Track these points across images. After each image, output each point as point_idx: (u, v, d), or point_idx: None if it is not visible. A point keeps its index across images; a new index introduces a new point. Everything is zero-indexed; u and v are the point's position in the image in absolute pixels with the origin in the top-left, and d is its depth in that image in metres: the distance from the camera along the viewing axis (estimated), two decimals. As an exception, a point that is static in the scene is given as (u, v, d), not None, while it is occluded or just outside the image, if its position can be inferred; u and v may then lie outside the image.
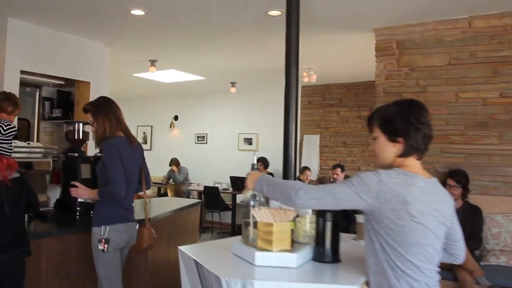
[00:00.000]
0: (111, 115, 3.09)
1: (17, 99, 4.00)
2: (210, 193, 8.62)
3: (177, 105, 11.15)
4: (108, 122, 3.06)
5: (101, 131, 3.05)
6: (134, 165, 3.16)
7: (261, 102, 9.99)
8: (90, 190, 3.14)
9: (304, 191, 1.88)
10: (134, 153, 3.16)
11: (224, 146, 10.42)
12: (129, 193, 3.10)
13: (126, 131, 3.15)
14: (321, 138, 9.23)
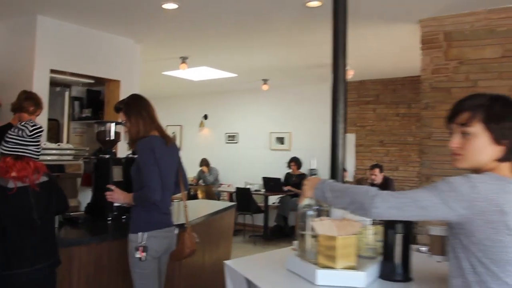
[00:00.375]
0: (145, 114, 2.89)
1: (39, 99, 3.80)
2: (242, 194, 8.37)
3: (207, 104, 10.93)
4: (141, 121, 2.85)
5: (134, 131, 2.85)
6: (171, 166, 2.96)
7: (294, 100, 9.70)
8: (125, 194, 2.94)
9: (382, 199, 1.59)
10: (170, 153, 2.96)
11: (256, 145, 10.16)
12: (167, 196, 2.90)
13: (160, 130, 2.95)
14: (357, 137, 8.89)
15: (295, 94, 9.64)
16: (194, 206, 4.60)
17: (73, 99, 6.07)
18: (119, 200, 2.93)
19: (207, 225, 3.99)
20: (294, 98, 9.68)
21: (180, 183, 3.07)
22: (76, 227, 3.23)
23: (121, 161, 3.51)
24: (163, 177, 2.79)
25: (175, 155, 3.03)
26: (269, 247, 7.92)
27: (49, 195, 2.49)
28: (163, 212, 2.86)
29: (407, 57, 6.95)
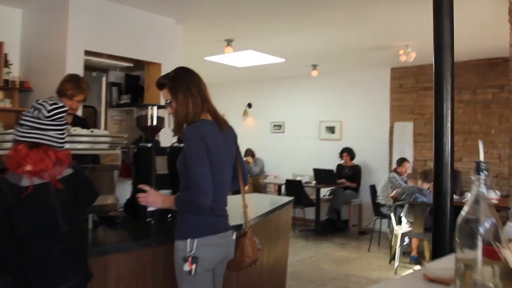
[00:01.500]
0: (195, 91, 2.33)
1: (82, 82, 3.35)
2: (293, 187, 7.82)
3: (251, 92, 10.42)
4: (191, 100, 2.30)
5: (182, 112, 2.30)
6: (227, 159, 2.40)
7: (345, 87, 9.05)
8: (164, 197, 2.43)
9: None
10: (227, 142, 2.41)
11: (303, 135, 9.58)
12: (222, 196, 2.37)
13: (214, 113, 2.39)
14: (415, 126, 8.19)
15: (347, 80, 9.00)
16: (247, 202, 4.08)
17: (111, 85, 5.67)
18: (155, 204, 2.41)
19: (265, 224, 3.47)
20: (345, 85, 9.05)
21: (240, 179, 2.52)
22: (113, 229, 2.75)
23: (166, 151, 3.00)
24: (217, 174, 2.27)
25: (232, 145, 2.48)
26: (322, 243, 7.38)
27: (76, 191, 1.97)
28: (217, 215, 2.34)
29: (476, 37, 6.26)
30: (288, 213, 4.29)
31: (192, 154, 2.21)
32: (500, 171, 7.37)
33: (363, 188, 8.46)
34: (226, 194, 2.43)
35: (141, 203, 2.38)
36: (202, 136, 2.23)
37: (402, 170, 6.99)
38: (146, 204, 2.39)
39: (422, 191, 5.94)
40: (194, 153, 2.21)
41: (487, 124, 7.52)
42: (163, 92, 2.39)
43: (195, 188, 2.17)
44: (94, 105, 5.44)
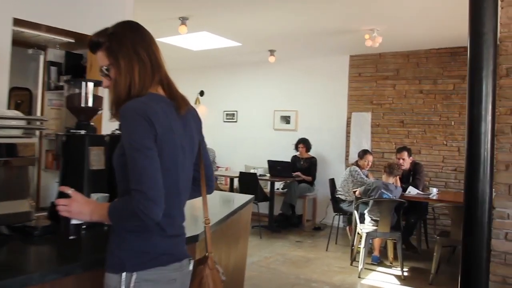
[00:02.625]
0: (144, 55, 1.68)
1: None
2: (247, 180, 7.31)
3: (204, 79, 9.81)
4: (138, 66, 1.66)
5: (124, 83, 1.64)
6: (186, 150, 1.72)
7: (302, 74, 8.62)
8: (94, 206, 1.69)
9: None
10: (186, 128, 1.74)
11: (257, 125, 9.09)
12: (178, 205, 1.73)
13: (169, 87, 1.75)
14: (373, 116, 7.86)
15: (304, 68, 8.57)
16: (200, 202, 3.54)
17: (50, 64, 4.93)
18: (80, 216, 1.67)
19: (224, 229, 2.92)
20: (302, 73, 8.61)
21: (202, 182, 1.88)
22: (28, 245, 1.97)
23: (104, 140, 2.35)
24: (171, 173, 1.63)
25: (194, 133, 1.80)
26: (276, 241, 6.93)
27: None
28: (170, 235, 1.67)
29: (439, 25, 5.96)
30: (248, 213, 3.77)
31: (133, 141, 1.53)
32: (459, 164, 7.15)
33: (318, 181, 8.08)
34: (183, 204, 1.78)
35: (61, 214, 1.66)
36: (149, 115, 1.55)
37: (364, 163, 6.61)
38: (68, 216, 1.67)
39: (388, 187, 5.57)
40: (136, 141, 1.53)
41: (447, 115, 7.27)
42: (98, 56, 1.72)
43: (138, 193, 1.49)
44: (29, 87, 4.71)
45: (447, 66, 7.29)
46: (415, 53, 7.53)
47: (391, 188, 5.59)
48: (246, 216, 3.66)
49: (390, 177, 5.69)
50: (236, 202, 3.43)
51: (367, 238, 5.41)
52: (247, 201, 3.51)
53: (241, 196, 4.08)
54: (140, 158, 1.52)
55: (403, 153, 6.40)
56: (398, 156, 6.43)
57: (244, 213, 3.49)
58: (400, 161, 6.34)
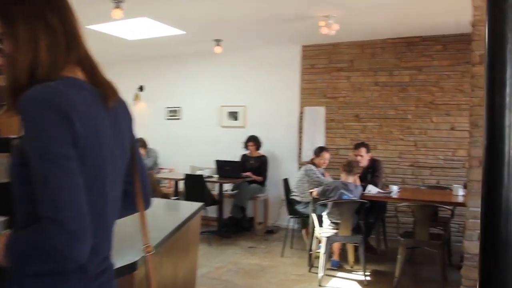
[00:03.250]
0: (53, 19, 1.15)
1: None
2: (193, 183, 6.67)
3: (143, 73, 9.07)
4: (46, 37, 1.13)
5: (23, 60, 1.11)
6: (115, 156, 1.24)
7: (250, 67, 8.07)
8: None
9: None
10: (115, 128, 1.25)
11: (203, 122, 8.46)
12: (104, 235, 1.23)
13: (91, 69, 1.24)
14: (327, 111, 7.42)
15: (253, 59, 8.02)
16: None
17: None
18: None
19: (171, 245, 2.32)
20: (250, 65, 8.06)
21: (137, 196, 1.38)
22: None
23: (11, 144, 1.70)
24: (96, 192, 1.14)
25: (124, 133, 1.32)
26: (227, 247, 6.35)
27: None
28: (91, 275, 1.16)
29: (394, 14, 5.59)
30: (197, 223, 3.19)
31: (42, 148, 1.04)
32: (415, 159, 6.84)
33: (270, 181, 7.58)
34: (111, 230, 1.27)
35: None
36: (65, 109, 1.06)
37: (320, 162, 6.14)
38: None
39: (347, 187, 5.12)
40: (46, 147, 1.04)
41: (404, 108, 6.94)
42: None
43: (52, 224, 1.01)
44: None
45: (403, 56, 6.95)
46: (370, 43, 7.14)
47: (351, 188, 5.14)
48: (195, 226, 3.08)
49: (349, 176, 5.24)
50: (183, 212, 2.83)
51: (327, 243, 4.94)
52: (196, 211, 2.92)
53: (188, 205, 3.48)
54: (54, 172, 1.03)
55: (360, 149, 5.98)
56: (355, 153, 6.01)
57: (192, 224, 2.90)
58: (358, 158, 5.92)
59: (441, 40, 6.73)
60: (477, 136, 3.80)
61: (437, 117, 6.76)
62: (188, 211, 2.83)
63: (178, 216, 2.69)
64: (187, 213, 2.74)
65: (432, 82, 6.78)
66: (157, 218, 2.58)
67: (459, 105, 6.64)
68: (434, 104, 6.77)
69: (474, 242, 3.89)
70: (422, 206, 4.82)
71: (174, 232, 2.30)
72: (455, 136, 6.66)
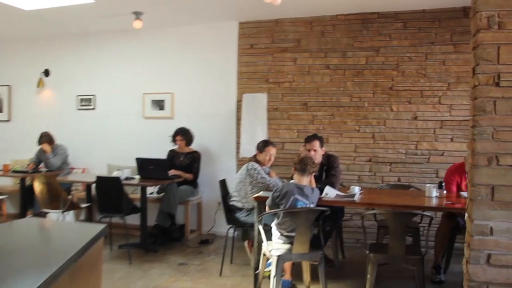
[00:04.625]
0: None
1: None
2: (107, 187, 5.33)
3: (49, 54, 7.55)
4: None
5: None
6: None
7: (178, 46, 6.83)
8: None
9: None
10: None
11: (122, 113, 7.12)
12: None
13: None
14: (270, 98, 6.33)
15: (181, 37, 6.79)
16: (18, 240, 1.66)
17: None
18: None
19: None
20: (178, 44, 6.82)
21: None
22: None
23: None
24: None
25: None
26: (152, 266, 5.09)
27: None
28: None
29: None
30: (98, 250, 1.96)
31: None
32: (374, 154, 5.91)
33: (203, 181, 6.43)
34: None
35: None
36: None
37: (266, 158, 5.02)
38: None
39: (303, 191, 4.04)
40: None
41: (359, 95, 5.97)
42: None
43: None
44: None
45: (358, 35, 5.98)
46: (319, 20, 6.11)
47: (307, 192, 4.06)
48: (93, 256, 1.86)
49: (303, 176, 4.16)
50: (73, 245, 1.61)
51: (278, 262, 3.83)
52: (92, 239, 1.71)
53: (83, 233, 2.21)
54: None
55: (314, 142, 4.93)
56: (307, 147, 4.95)
57: (90, 255, 1.69)
58: (311, 153, 4.87)
59: (400, 17, 5.84)
60: (484, 126, 2.80)
61: (397, 105, 5.86)
62: (80, 241, 1.61)
63: (60, 252, 1.48)
64: (76, 247, 1.53)
65: (391, 65, 5.87)
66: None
67: (422, 91, 5.78)
68: (394, 90, 5.86)
69: (481, 266, 2.90)
70: (398, 214, 3.82)
71: None
72: (418, 127, 5.79)
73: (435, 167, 5.75)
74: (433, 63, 5.73)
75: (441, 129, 5.73)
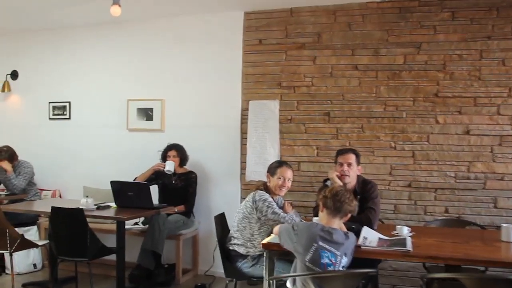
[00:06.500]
0: None
1: None
2: (66, 221, 4.02)
3: (16, 52, 6.35)
4: None
5: None
6: None
7: (169, 42, 5.61)
8: None
9: None
10: None
11: (102, 123, 5.89)
12: None
13: None
14: (283, 106, 5.10)
15: (173, 31, 5.58)
16: None
17: None
18: None
19: None
20: (170, 40, 5.61)
21: None
22: None
23: None
24: None
25: None
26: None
27: None
28: None
29: None
30: None
31: None
32: (414, 178, 4.68)
33: (199, 210, 5.17)
34: None
35: None
36: None
37: (278, 183, 3.75)
38: None
39: (332, 236, 2.77)
40: None
41: (396, 103, 4.73)
42: None
43: None
44: None
45: (394, 28, 4.76)
46: (345, 8, 4.90)
47: (338, 239, 2.79)
48: None
49: (335, 218, 2.90)
50: None
51: None
52: None
53: None
54: None
55: (349, 155, 3.78)
56: (339, 160, 3.78)
57: None
58: (343, 168, 3.66)
59: (448, 5, 4.62)
60: None
61: (444, 116, 4.61)
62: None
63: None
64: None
65: (436, 66, 4.64)
66: None
67: (476, 98, 4.55)
68: (440, 96, 4.62)
69: None
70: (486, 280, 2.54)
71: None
72: (471, 144, 4.55)
73: (492, 195, 4.50)
74: (489, 63, 4.51)
75: (501, 146, 4.50)
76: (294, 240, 2.81)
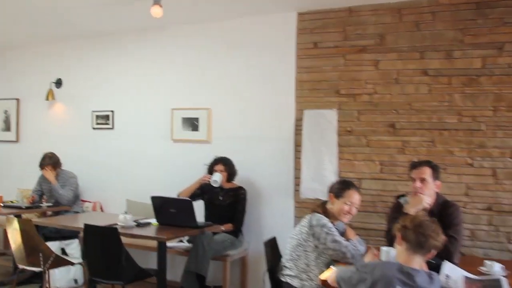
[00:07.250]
0: None
1: None
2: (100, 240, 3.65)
3: (61, 60, 6.16)
4: None
5: None
6: None
7: (217, 48, 5.22)
8: None
9: None
10: None
11: (146, 133, 5.58)
12: None
13: None
14: (342, 117, 4.59)
15: (220, 36, 5.19)
16: None
17: None
18: None
19: None
20: (217, 45, 5.23)
21: None
22: None
23: None
24: None
25: None
26: None
27: None
28: None
29: None
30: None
31: None
32: (495, 199, 4.07)
33: (249, 229, 4.74)
34: None
35: None
36: None
37: (343, 209, 3.24)
38: None
39: (412, 279, 2.25)
40: None
41: (473, 113, 4.13)
42: None
43: None
44: None
45: (471, 27, 4.16)
46: (412, 6, 4.35)
47: (422, 284, 2.26)
48: None
49: (417, 255, 2.37)
50: None
51: None
52: None
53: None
54: None
55: (423, 168, 3.27)
56: (412, 175, 3.26)
57: None
58: (416, 184, 3.14)
59: (535, -2, 3.98)
60: None
61: (531, 128, 3.97)
62: None
63: None
64: None
65: (521, 69, 4.00)
66: None
67: None
68: (526, 106, 3.98)
69: None
70: None
71: None
72: None
73: None
74: None
75: None
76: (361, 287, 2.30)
